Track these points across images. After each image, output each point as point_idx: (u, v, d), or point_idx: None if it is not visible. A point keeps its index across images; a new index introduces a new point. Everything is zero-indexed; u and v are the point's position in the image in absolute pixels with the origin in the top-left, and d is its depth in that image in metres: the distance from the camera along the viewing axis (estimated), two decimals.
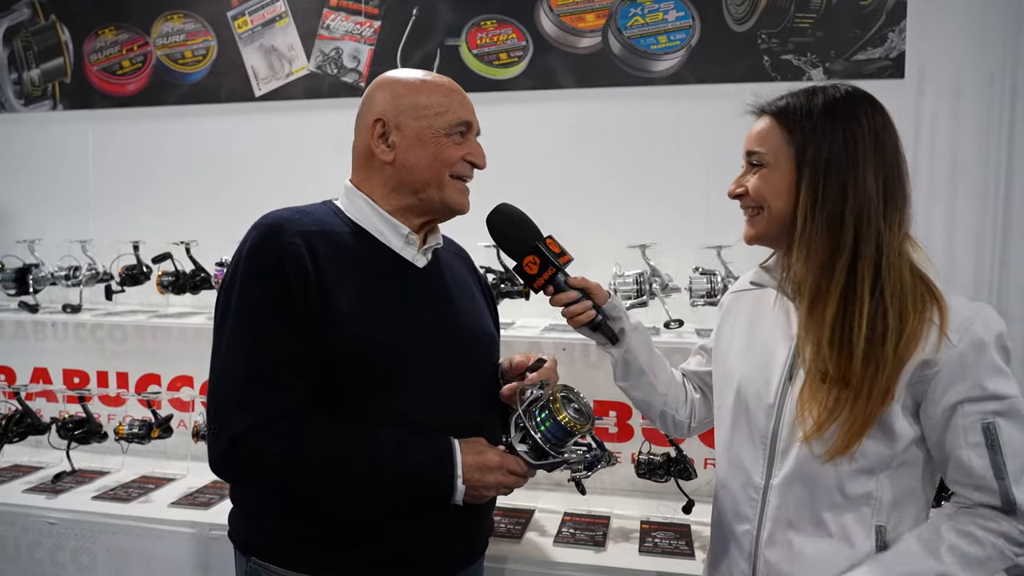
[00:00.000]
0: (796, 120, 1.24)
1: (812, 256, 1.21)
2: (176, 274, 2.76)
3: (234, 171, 2.99)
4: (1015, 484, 1.13)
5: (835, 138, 1.21)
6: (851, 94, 1.26)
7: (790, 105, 1.27)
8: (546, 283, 1.42)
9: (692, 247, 2.50)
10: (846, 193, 1.19)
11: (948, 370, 1.14)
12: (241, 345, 1.31)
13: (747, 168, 1.31)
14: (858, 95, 1.25)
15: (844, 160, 1.20)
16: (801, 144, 1.23)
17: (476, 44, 2.79)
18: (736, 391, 1.33)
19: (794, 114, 1.25)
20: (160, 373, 2.77)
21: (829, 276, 1.19)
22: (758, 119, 1.32)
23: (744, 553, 1.29)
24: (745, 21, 2.58)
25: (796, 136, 1.23)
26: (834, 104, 1.24)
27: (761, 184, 1.27)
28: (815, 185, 1.21)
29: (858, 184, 1.19)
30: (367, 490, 1.29)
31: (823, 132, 1.22)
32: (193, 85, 3.04)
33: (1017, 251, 2.45)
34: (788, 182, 1.24)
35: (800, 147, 1.23)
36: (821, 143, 1.21)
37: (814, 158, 1.21)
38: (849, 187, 1.19)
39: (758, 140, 1.29)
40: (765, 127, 1.28)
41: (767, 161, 1.27)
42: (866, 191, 1.19)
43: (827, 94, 1.26)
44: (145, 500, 2.27)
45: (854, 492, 1.19)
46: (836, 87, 1.27)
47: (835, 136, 1.21)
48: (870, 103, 1.25)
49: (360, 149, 1.46)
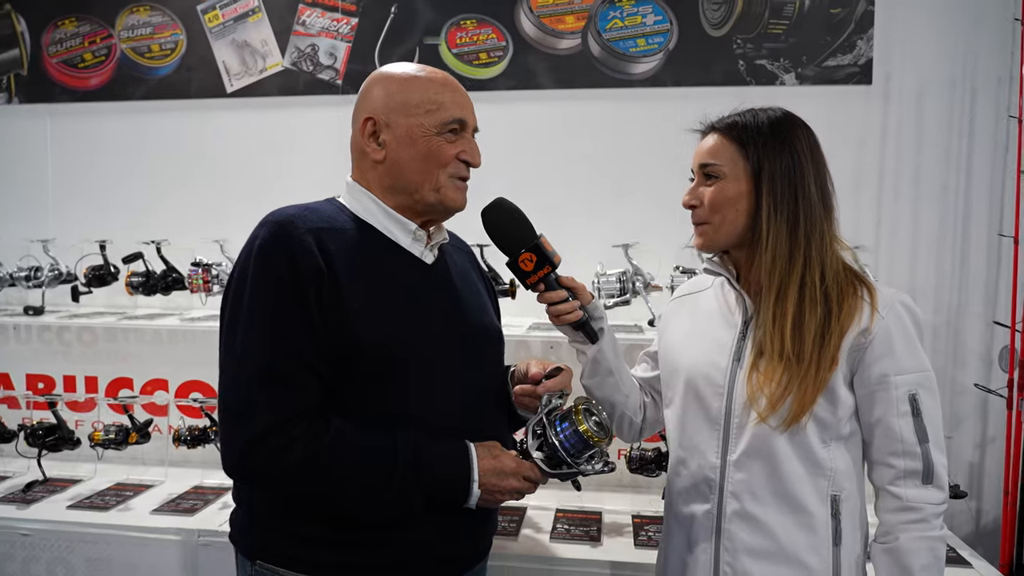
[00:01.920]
0: (749, 137, 1.36)
1: (776, 255, 1.34)
2: (146, 274, 2.68)
3: (206, 169, 2.92)
4: (934, 448, 1.29)
5: (783, 153, 1.35)
6: (788, 116, 1.40)
7: (739, 123, 1.39)
8: (539, 281, 1.44)
9: (671, 246, 2.56)
10: (798, 200, 1.34)
11: (879, 340, 1.30)
12: (256, 344, 1.28)
13: (699, 180, 1.41)
14: (793, 117, 1.40)
15: (793, 173, 1.35)
16: (757, 158, 1.35)
17: (456, 43, 2.79)
18: (685, 380, 1.43)
19: (745, 131, 1.37)
20: (132, 377, 2.69)
21: (789, 271, 1.33)
22: (705, 136, 1.43)
23: (706, 532, 1.37)
24: (721, 26, 2.65)
25: (751, 151, 1.36)
26: (778, 124, 1.37)
27: (716, 194, 1.37)
28: (774, 195, 1.34)
29: (806, 192, 1.34)
30: (384, 493, 1.28)
31: (774, 148, 1.35)
32: (161, 80, 2.96)
33: (976, 249, 2.59)
34: (744, 191, 1.36)
35: (756, 161, 1.35)
36: (774, 158, 1.35)
37: (771, 171, 1.34)
38: (799, 195, 1.34)
39: (711, 154, 1.39)
40: (717, 143, 1.39)
41: (723, 173, 1.37)
42: (810, 198, 1.34)
43: (767, 115, 1.39)
44: (124, 508, 2.20)
45: (810, 463, 1.31)
46: (770, 109, 1.40)
47: (783, 152, 1.35)
48: (803, 125, 1.39)
49: (355, 148, 1.44)
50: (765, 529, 1.32)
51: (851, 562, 1.32)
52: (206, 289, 2.61)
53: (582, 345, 1.52)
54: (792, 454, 1.31)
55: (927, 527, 1.28)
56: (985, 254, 2.58)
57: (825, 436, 1.31)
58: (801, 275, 1.32)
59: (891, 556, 1.29)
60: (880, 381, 1.30)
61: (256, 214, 2.93)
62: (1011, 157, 2.51)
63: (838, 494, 1.31)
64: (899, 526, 1.29)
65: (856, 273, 1.37)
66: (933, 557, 1.27)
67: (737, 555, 1.33)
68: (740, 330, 1.39)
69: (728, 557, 1.34)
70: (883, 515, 1.32)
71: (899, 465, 1.30)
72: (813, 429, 1.31)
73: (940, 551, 1.29)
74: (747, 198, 1.36)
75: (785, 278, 1.33)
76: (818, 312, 1.30)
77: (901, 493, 1.29)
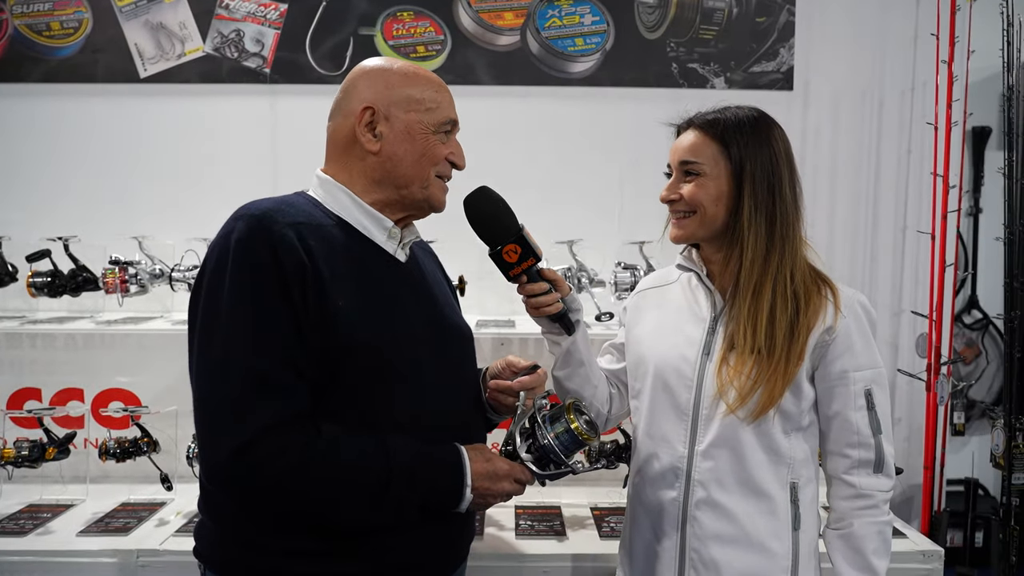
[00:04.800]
0: (731, 136, 1.41)
1: (755, 254, 1.39)
2: (52, 274, 2.44)
3: (119, 160, 2.70)
4: (885, 440, 1.39)
5: (762, 153, 1.40)
6: (764, 115, 1.46)
7: (720, 121, 1.43)
8: (522, 272, 1.43)
9: (609, 243, 2.62)
10: (775, 201, 1.39)
11: (841, 337, 1.36)
12: (239, 345, 1.20)
13: (679, 176, 1.45)
14: (769, 117, 1.46)
15: (771, 174, 1.40)
16: (739, 158, 1.40)
17: (392, 35, 2.72)
18: (654, 372, 1.47)
19: (727, 130, 1.41)
20: (39, 387, 2.43)
21: (765, 269, 1.38)
22: (684, 132, 1.47)
23: (673, 520, 1.42)
24: (656, 29, 2.74)
25: (734, 151, 1.40)
26: (757, 123, 1.43)
27: (698, 191, 1.41)
28: (755, 195, 1.39)
29: (783, 192, 1.40)
30: (378, 501, 1.24)
31: (754, 147, 1.40)
32: (62, 61, 2.70)
33: (884, 247, 2.81)
34: (724, 189, 1.40)
35: (738, 160, 1.40)
36: (755, 157, 1.40)
37: (752, 171, 1.39)
38: (776, 196, 1.40)
39: (692, 151, 1.43)
40: (697, 140, 1.43)
41: (704, 171, 1.41)
42: (786, 199, 1.40)
43: (746, 113, 1.44)
44: (44, 531, 1.99)
45: (773, 452, 1.38)
46: (746, 108, 1.45)
47: (762, 151, 1.40)
48: (777, 125, 1.45)
49: (341, 137, 1.38)
50: (730, 516, 1.37)
51: (808, 545, 1.40)
52: (123, 289, 2.41)
53: (557, 337, 1.52)
54: (756, 444, 1.37)
55: (878, 512, 1.37)
56: (891, 249, 2.81)
57: (787, 427, 1.38)
58: (775, 273, 1.37)
59: (846, 541, 1.38)
60: (840, 377, 1.37)
61: (178, 209, 2.77)
62: (913, 159, 2.75)
63: (796, 481, 1.39)
64: (852, 512, 1.38)
65: (819, 273, 1.44)
66: (882, 540, 1.37)
67: (704, 541, 1.38)
68: (709, 325, 1.43)
69: (695, 543, 1.38)
70: (837, 502, 1.40)
71: (854, 455, 1.38)
72: (777, 420, 1.37)
73: (888, 534, 1.39)
74: (727, 196, 1.40)
75: (762, 276, 1.37)
76: (789, 309, 1.36)
77: (855, 481, 1.38)
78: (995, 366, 3.08)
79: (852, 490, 1.38)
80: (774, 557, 1.37)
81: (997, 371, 3.07)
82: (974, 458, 2.79)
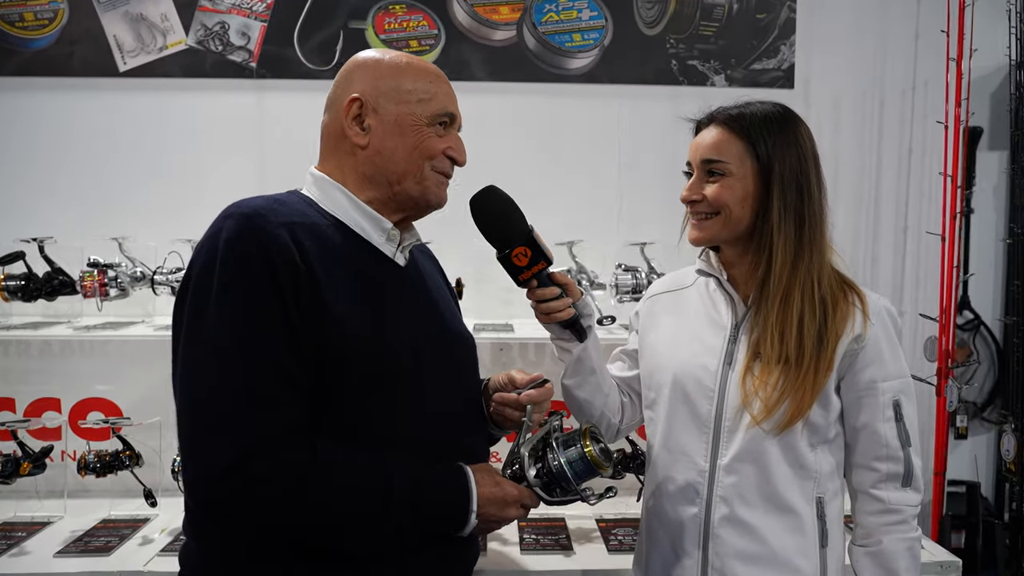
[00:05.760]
0: (758, 133, 1.32)
1: (784, 258, 1.31)
2: (27, 277, 2.32)
3: (97, 157, 2.57)
4: (913, 452, 1.33)
5: (791, 152, 1.32)
6: (789, 111, 1.37)
7: (746, 116, 1.34)
8: (532, 276, 1.36)
9: (608, 244, 2.55)
10: (803, 203, 1.32)
11: (871, 346, 1.31)
12: (230, 354, 1.10)
13: (701, 176, 1.36)
14: (794, 113, 1.38)
15: (800, 172, 1.32)
16: (767, 156, 1.31)
17: (384, 29, 2.63)
18: (672, 382, 1.40)
19: (753, 127, 1.33)
20: (13, 396, 2.31)
21: (794, 272, 1.31)
22: (705, 128, 1.38)
23: (693, 537, 1.35)
24: (655, 25, 2.67)
25: (761, 149, 1.32)
26: (783, 120, 1.35)
27: (723, 192, 1.33)
28: (784, 195, 1.31)
29: (811, 193, 1.33)
30: (377, 525, 1.16)
31: (782, 146, 1.32)
32: (37, 53, 2.57)
33: (884, 250, 2.77)
34: (751, 190, 1.32)
35: (766, 159, 1.31)
36: (783, 156, 1.31)
37: (781, 170, 1.31)
38: (805, 197, 1.32)
39: (716, 149, 1.34)
40: (721, 137, 1.34)
41: (729, 170, 1.33)
42: (813, 199, 1.33)
43: (769, 109, 1.35)
44: (19, 552, 1.87)
45: (799, 466, 1.31)
46: (768, 103, 1.37)
47: (791, 150, 1.32)
48: (802, 121, 1.37)
49: (331, 131, 1.30)
50: (755, 533, 1.31)
51: (836, 563, 1.35)
52: (102, 293, 2.30)
53: (567, 344, 1.44)
54: (782, 458, 1.31)
55: (907, 528, 1.32)
56: (892, 250, 2.77)
57: (814, 440, 1.32)
58: (803, 279, 1.31)
59: (875, 559, 1.32)
60: (868, 387, 1.32)
61: (160, 209, 2.65)
62: (915, 159, 2.72)
63: (823, 496, 1.33)
64: (881, 528, 1.32)
65: (844, 277, 1.38)
66: (912, 557, 1.32)
67: (727, 560, 1.32)
68: (730, 333, 1.37)
69: (718, 562, 1.32)
70: (864, 518, 1.35)
71: (882, 469, 1.32)
72: (803, 433, 1.31)
73: (918, 550, 1.33)
74: (753, 197, 1.33)
75: (791, 281, 1.31)
76: (817, 316, 1.30)
77: (884, 496, 1.32)
78: (986, 367, 3.07)
79: (880, 505, 1.33)
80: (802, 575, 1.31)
81: (988, 372, 3.06)
82: (977, 461, 2.76)
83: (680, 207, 1.42)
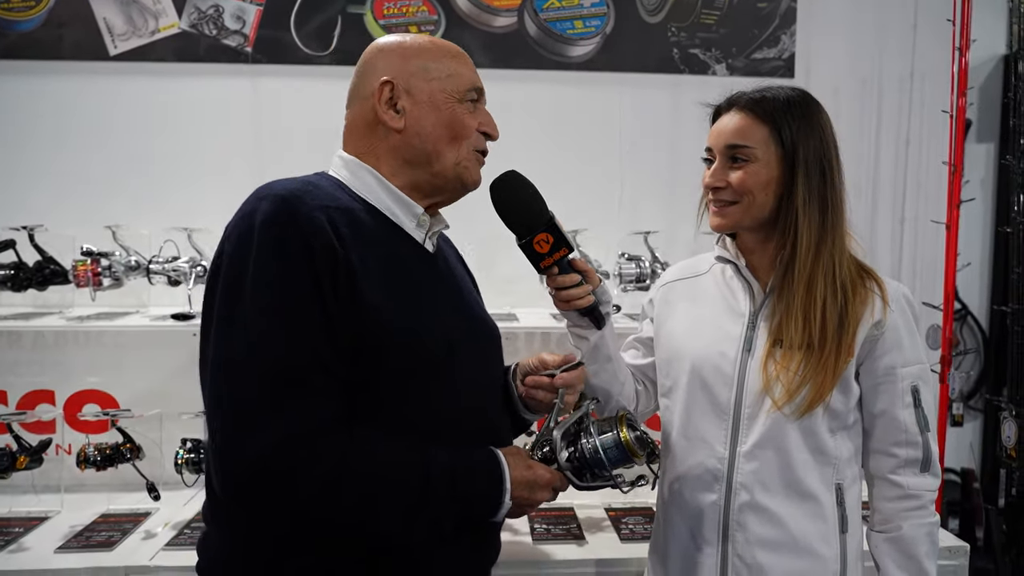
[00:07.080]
0: (782, 117, 1.32)
1: (809, 242, 1.31)
2: (17, 266, 2.25)
3: (88, 143, 2.50)
4: (931, 438, 1.35)
5: (814, 136, 1.32)
6: (808, 95, 1.37)
7: (768, 100, 1.34)
8: (553, 263, 1.35)
9: (610, 232, 2.54)
10: (826, 187, 1.32)
11: (890, 332, 1.32)
12: (267, 340, 1.07)
13: (723, 162, 1.35)
14: (813, 97, 1.37)
15: (823, 157, 1.32)
16: (791, 141, 1.31)
17: (383, 14, 2.58)
18: (690, 370, 1.39)
19: (776, 111, 1.32)
20: (5, 389, 2.24)
21: (817, 258, 1.31)
22: (725, 113, 1.37)
23: (713, 524, 1.35)
24: (657, 13, 2.66)
25: (785, 133, 1.31)
26: (805, 104, 1.34)
27: (748, 178, 1.33)
28: (809, 181, 1.31)
29: (833, 178, 1.33)
30: (416, 514, 1.14)
31: (806, 130, 1.32)
32: (23, 36, 2.49)
33: (882, 240, 2.79)
34: (775, 175, 1.32)
35: (791, 145, 1.31)
36: (807, 141, 1.31)
37: (805, 155, 1.31)
38: (827, 182, 1.32)
39: (740, 135, 1.33)
40: (744, 122, 1.34)
41: (755, 156, 1.32)
42: (835, 185, 1.34)
43: (790, 93, 1.35)
44: (18, 548, 1.82)
45: (818, 452, 1.32)
46: (789, 87, 1.37)
47: (814, 134, 1.32)
48: (823, 107, 1.37)
49: (360, 122, 1.27)
50: (776, 520, 1.31)
51: (855, 549, 1.35)
52: (96, 283, 2.23)
53: (585, 331, 1.43)
54: (802, 444, 1.32)
55: (926, 513, 1.33)
56: (889, 239, 2.79)
57: (834, 425, 1.33)
58: (826, 264, 1.31)
59: (895, 545, 1.32)
60: (887, 373, 1.33)
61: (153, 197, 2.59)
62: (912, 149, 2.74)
63: (841, 482, 1.34)
64: (900, 514, 1.33)
65: (861, 263, 1.39)
66: (931, 542, 1.33)
67: (748, 547, 1.32)
68: (749, 320, 1.37)
69: (739, 549, 1.33)
70: (882, 503, 1.35)
71: (901, 454, 1.33)
72: (823, 418, 1.31)
73: (936, 535, 1.34)
74: (776, 183, 1.32)
75: (814, 267, 1.31)
76: (838, 301, 1.30)
77: (902, 481, 1.33)
78: (973, 356, 3.12)
79: (899, 490, 1.33)
80: (823, 561, 1.32)
81: (975, 361, 3.12)
82: (972, 448, 2.80)
83: (681, 195, 1.43)
